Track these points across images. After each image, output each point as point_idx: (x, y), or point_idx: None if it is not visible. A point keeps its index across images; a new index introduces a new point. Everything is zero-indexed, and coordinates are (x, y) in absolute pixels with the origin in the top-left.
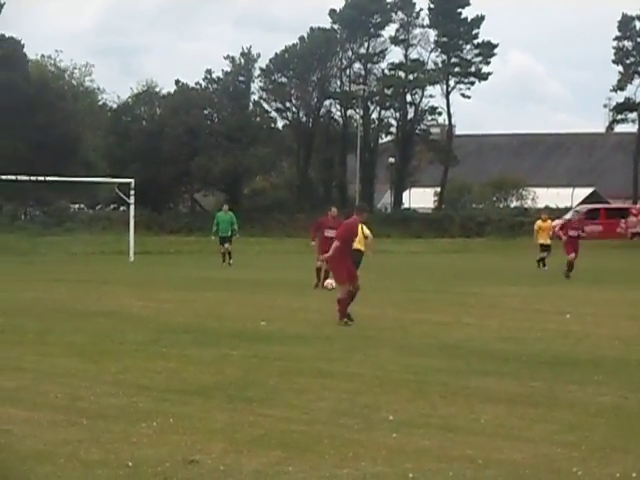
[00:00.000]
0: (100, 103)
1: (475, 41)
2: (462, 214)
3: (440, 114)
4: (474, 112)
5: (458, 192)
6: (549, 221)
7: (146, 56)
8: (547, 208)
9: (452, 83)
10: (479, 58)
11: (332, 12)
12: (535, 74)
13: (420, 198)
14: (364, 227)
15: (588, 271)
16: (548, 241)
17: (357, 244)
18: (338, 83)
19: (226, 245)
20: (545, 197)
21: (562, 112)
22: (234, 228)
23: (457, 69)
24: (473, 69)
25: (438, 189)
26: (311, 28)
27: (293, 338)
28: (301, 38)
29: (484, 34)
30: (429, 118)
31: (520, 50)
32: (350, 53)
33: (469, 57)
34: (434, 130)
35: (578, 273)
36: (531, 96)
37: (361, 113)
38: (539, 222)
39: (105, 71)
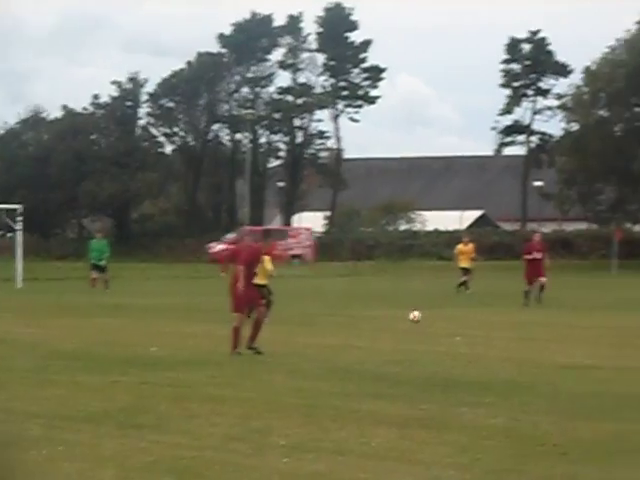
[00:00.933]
0: None
1: (363, 65)
2: (352, 237)
3: (329, 138)
4: (363, 136)
5: (347, 216)
6: (470, 245)
7: (35, 82)
8: (436, 231)
9: (341, 107)
10: (367, 82)
11: (220, 36)
12: (424, 97)
13: (310, 222)
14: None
15: (479, 294)
16: (469, 264)
17: (260, 278)
18: (226, 107)
19: (101, 274)
20: (434, 220)
21: (451, 135)
22: (106, 256)
23: (345, 93)
24: (361, 93)
25: (328, 213)
26: (199, 52)
27: (183, 364)
28: (188, 63)
29: (372, 58)
30: (318, 142)
31: (409, 74)
32: (238, 77)
33: (357, 81)
34: (323, 154)
35: (469, 296)
36: (420, 119)
37: (250, 137)
38: (460, 246)
39: None
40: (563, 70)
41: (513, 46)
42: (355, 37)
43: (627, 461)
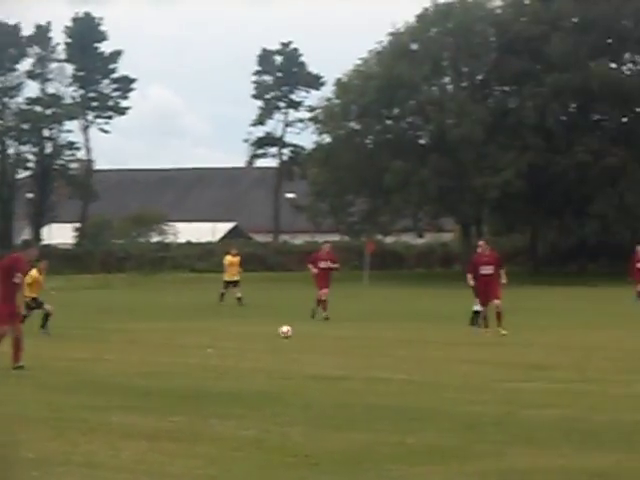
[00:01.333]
0: None
1: (113, 75)
2: (103, 249)
3: (79, 149)
4: (115, 147)
5: (98, 227)
6: (238, 256)
7: None
8: (189, 243)
9: (91, 118)
10: (117, 93)
11: None
12: (175, 109)
13: (60, 233)
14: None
15: (230, 305)
16: (237, 277)
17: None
18: None
19: None
20: (187, 232)
21: (203, 147)
22: None
23: (95, 104)
24: (111, 103)
25: (78, 224)
26: None
27: None
28: None
29: (122, 69)
30: (68, 153)
31: (160, 84)
32: None
33: (107, 91)
34: (73, 165)
35: (220, 308)
36: (171, 131)
37: None
38: (229, 257)
39: None
40: (315, 82)
41: (265, 57)
42: (105, 48)
43: (377, 471)
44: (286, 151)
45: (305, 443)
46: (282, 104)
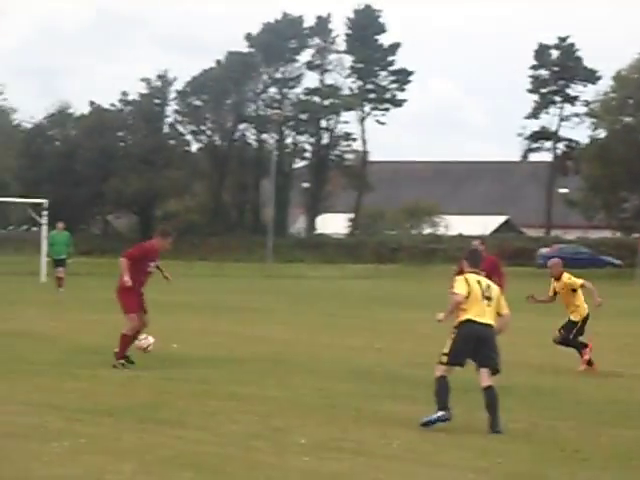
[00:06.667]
0: (14, 123)
1: (391, 68)
2: (375, 240)
3: (355, 140)
4: (390, 138)
5: (371, 218)
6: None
7: (67, 77)
8: (460, 236)
9: (367, 109)
10: (395, 85)
11: (248, 36)
12: (452, 101)
13: (334, 223)
14: None
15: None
16: None
17: None
18: (254, 107)
19: (60, 269)
20: (458, 225)
21: (478, 140)
22: (69, 250)
23: (372, 95)
24: (388, 95)
25: (352, 215)
26: (229, 52)
27: (204, 360)
28: (218, 62)
29: (401, 61)
30: (344, 144)
31: (438, 77)
32: (266, 77)
33: (384, 83)
34: (349, 156)
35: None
36: (448, 123)
37: (276, 137)
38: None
39: (25, 92)
40: (591, 76)
41: (541, 52)
42: (383, 40)
43: None
44: (560, 145)
45: (575, 438)
46: (558, 98)
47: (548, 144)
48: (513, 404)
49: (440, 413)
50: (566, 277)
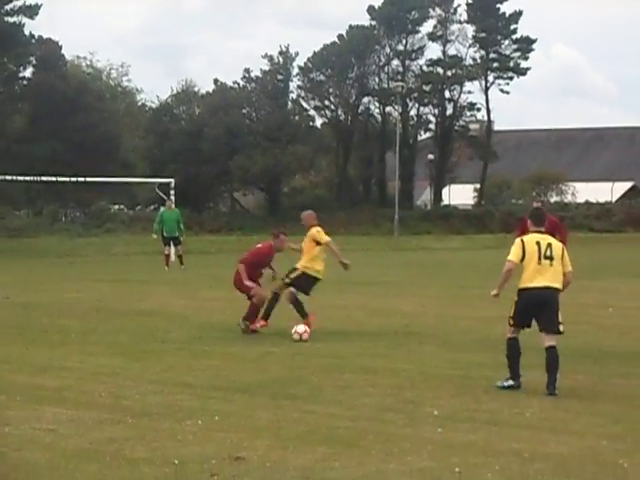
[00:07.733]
0: (139, 104)
1: (514, 36)
2: (502, 210)
3: (479, 110)
4: (514, 107)
5: (498, 188)
6: None
7: (190, 56)
8: (587, 203)
9: (491, 79)
10: (518, 53)
11: (370, 9)
12: (577, 68)
13: (460, 194)
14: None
15: (622, 264)
16: None
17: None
18: (376, 80)
19: (177, 247)
20: (585, 191)
21: (604, 106)
22: (181, 227)
23: (495, 64)
24: (512, 64)
25: (478, 185)
26: (350, 26)
27: (335, 335)
28: (340, 36)
29: (523, 29)
30: (468, 114)
31: (561, 44)
32: (388, 50)
33: (507, 52)
34: (473, 126)
35: (614, 268)
36: (572, 90)
37: (400, 110)
38: None
39: (149, 71)
40: None
41: None
42: (505, 8)
43: None
44: None
45: None
46: None
47: None
48: None
49: (510, 382)
50: None
